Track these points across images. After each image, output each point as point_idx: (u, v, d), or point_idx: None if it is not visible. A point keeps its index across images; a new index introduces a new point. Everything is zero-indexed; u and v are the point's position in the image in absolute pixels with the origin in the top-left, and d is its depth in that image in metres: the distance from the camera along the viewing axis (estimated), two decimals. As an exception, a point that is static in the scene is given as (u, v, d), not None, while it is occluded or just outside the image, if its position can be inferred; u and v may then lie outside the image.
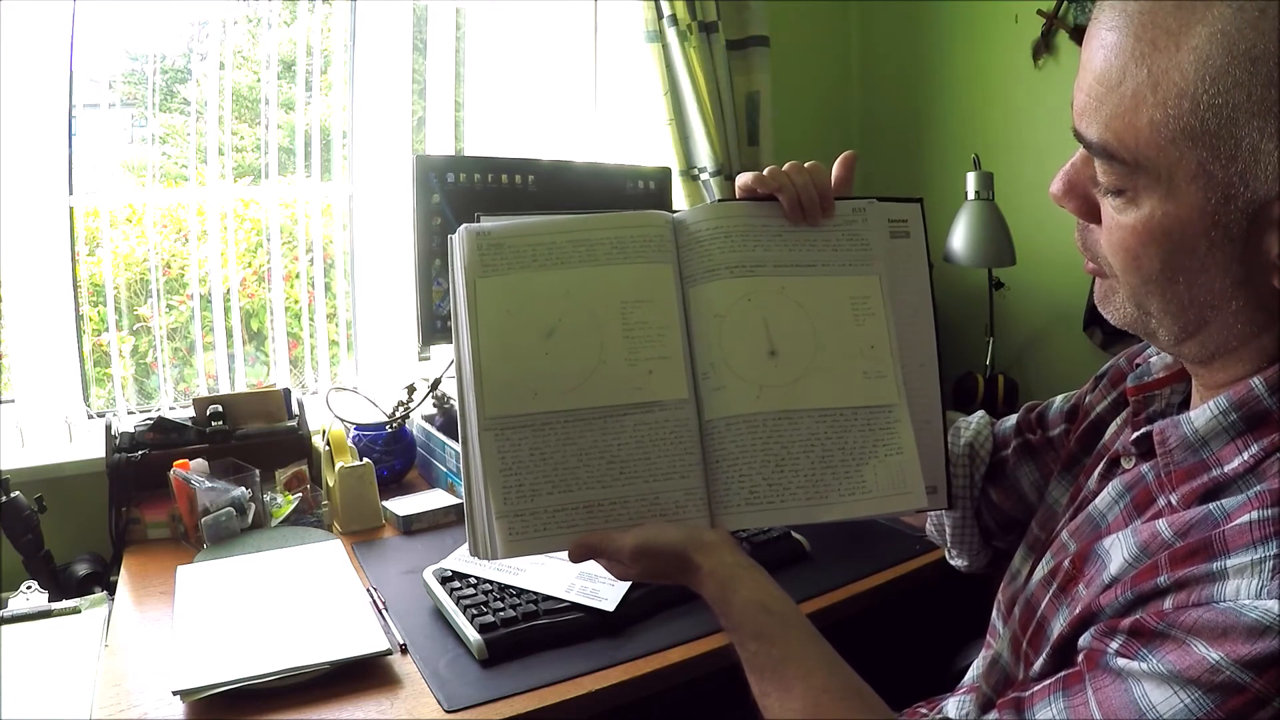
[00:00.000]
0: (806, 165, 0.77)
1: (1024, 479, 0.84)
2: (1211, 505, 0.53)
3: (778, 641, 0.66)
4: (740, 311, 0.74)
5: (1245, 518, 0.49)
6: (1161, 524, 0.55)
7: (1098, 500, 0.65)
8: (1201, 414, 0.56)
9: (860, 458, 0.73)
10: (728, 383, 0.73)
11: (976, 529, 0.87)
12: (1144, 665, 0.49)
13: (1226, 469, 0.54)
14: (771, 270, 0.75)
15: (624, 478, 0.71)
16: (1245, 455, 0.53)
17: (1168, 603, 0.50)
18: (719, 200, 0.79)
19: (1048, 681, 0.55)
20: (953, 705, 0.73)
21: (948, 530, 0.88)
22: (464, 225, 0.74)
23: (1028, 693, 0.55)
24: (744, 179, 0.77)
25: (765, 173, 0.76)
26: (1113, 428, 0.73)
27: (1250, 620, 0.45)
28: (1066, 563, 0.63)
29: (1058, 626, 0.60)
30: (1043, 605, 0.63)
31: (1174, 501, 0.56)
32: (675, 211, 0.78)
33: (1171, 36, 0.49)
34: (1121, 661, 0.50)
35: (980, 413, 0.91)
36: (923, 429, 0.76)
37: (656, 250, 0.75)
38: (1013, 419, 0.88)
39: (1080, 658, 0.54)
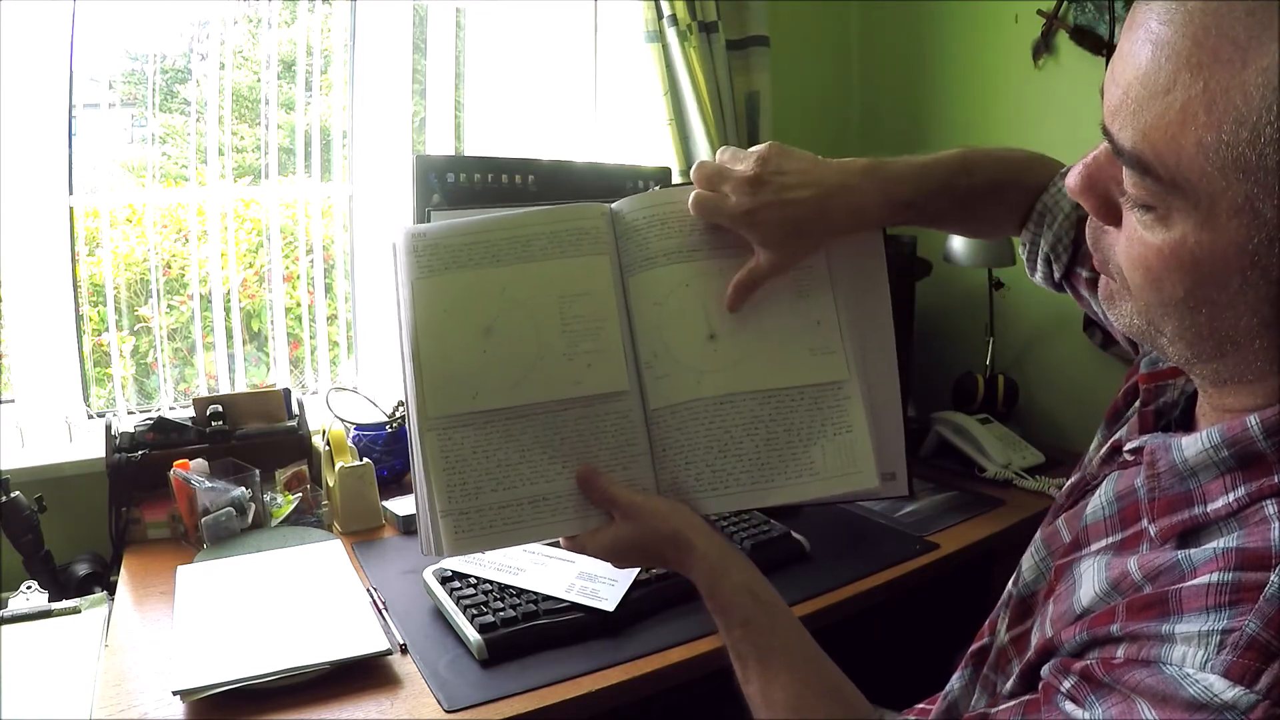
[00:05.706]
0: None
1: (1091, 300, 0.80)
2: (1180, 555, 0.51)
3: (765, 630, 0.66)
4: (679, 298, 0.74)
5: (1205, 578, 0.47)
6: (1133, 564, 0.54)
7: (1090, 498, 0.65)
8: (1193, 444, 0.53)
9: (808, 438, 0.72)
10: (670, 370, 0.73)
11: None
12: (1089, 714, 0.49)
13: (1209, 508, 0.51)
14: (709, 253, 0.74)
15: (567, 472, 0.71)
16: (1230, 497, 0.50)
17: (1120, 652, 0.49)
18: (658, 188, 0.78)
19: (1011, 704, 0.56)
20: (956, 677, 0.74)
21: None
22: (403, 226, 0.75)
23: (994, 710, 0.57)
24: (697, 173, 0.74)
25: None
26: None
27: (1189, 695, 0.44)
28: (1050, 569, 0.63)
29: (1033, 635, 0.60)
30: (1029, 601, 0.64)
31: (1153, 533, 0.54)
32: (612, 201, 0.77)
33: (1238, 49, 0.42)
34: (1069, 706, 0.50)
35: (1065, 214, 0.82)
36: (880, 413, 0.74)
37: (593, 242, 0.74)
38: None
39: (1040, 686, 0.55)
